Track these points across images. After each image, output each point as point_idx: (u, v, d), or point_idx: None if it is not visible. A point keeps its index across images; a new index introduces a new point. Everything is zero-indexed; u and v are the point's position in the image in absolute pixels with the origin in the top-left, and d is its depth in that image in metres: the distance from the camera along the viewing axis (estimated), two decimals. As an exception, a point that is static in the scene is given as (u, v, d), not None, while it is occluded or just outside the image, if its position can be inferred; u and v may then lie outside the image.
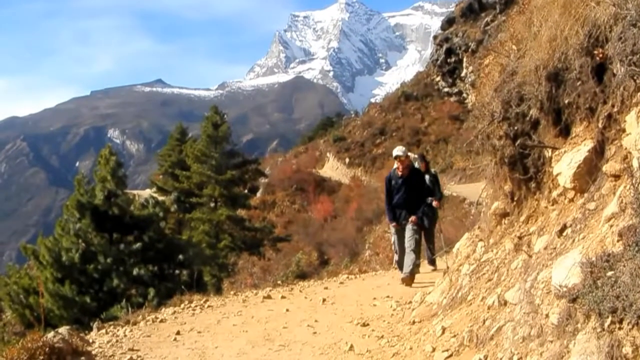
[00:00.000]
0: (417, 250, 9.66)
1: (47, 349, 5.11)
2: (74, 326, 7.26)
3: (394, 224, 9.91)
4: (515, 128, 5.05)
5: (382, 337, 5.80)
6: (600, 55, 3.98)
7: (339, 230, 32.59)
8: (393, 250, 10.50)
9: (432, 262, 11.26)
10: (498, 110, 5.15)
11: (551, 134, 4.66)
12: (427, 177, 11.12)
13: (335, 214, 39.10)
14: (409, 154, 10.34)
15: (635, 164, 3.33)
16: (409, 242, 9.54)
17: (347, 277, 11.46)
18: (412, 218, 9.63)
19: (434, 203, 11.09)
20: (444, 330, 4.96)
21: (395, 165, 9.88)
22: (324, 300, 8.21)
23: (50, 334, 5.50)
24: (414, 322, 5.94)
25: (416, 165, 10.57)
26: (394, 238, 10.06)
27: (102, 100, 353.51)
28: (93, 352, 5.75)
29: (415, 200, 9.79)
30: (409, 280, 9.18)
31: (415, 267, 9.58)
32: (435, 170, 12.56)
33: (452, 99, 57.16)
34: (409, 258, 9.41)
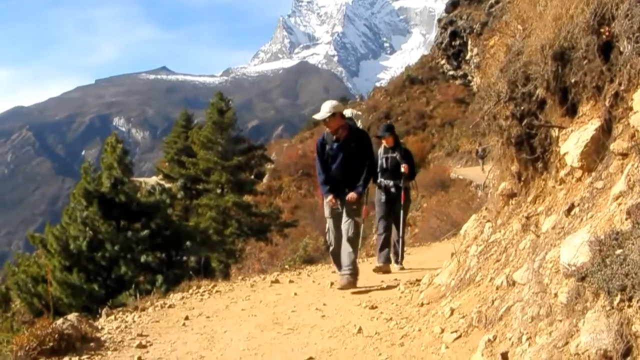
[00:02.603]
0: (355, 242, 7.46)
1: (56, 336, 5.13)
2: (82, 313, 7.29)
3: (329, 198, 7.44)
4: (522, 108, 5.01)
5: (391, 319, 5.79)
6: (607, 33, 3.94)
7: (345, 215, 32.46)
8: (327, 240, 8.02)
9: (402, 258, 9.95)
10: (504, 90, 5.10)
11: (558, 113, 4.62)
12: (396, 154, 9.60)
13: (341, 199, 38.93)
14: (349, 110, 7.94)
15: (643, 141, 3.31)
16: (345, 227, 7.36)
17: (355, 261, 11.45)
18: (351, 195, 7.31)
19: (403, 167, 9.51)
20: (452, 311, 4.95)
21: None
22: (331, 283, 8.17)
23: (59, 321, 5.52)
24: (422, 304, 5.93)
25: (359, 124, 7.97)
26: (328, 223, 7.66)
27: (107, 88, 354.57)
28: (102, 338, 5.76)
29: (358, 172, 7.38)
30: (352, 285, 7.41)
31: (355, 267, 7.48)
32: (406, 146, 10.44)
33: (458, 82, 56.98)
34: (346, 254, 7.34)
